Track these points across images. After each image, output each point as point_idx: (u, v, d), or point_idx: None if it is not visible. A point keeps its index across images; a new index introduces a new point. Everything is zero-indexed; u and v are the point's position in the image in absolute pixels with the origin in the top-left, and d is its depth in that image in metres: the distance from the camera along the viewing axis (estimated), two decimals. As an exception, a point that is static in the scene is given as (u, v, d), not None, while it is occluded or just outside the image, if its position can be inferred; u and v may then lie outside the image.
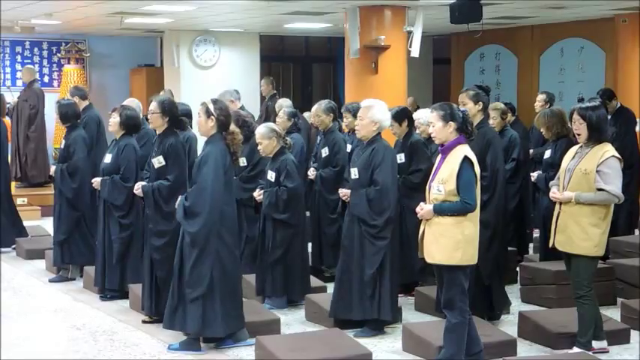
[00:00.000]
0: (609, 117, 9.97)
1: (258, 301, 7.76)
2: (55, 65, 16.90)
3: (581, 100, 10.82)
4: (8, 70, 16.35)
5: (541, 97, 10.89)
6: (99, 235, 8.19)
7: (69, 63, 16.79)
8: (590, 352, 6.20)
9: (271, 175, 7.79)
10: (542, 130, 8.46)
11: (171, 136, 7.13)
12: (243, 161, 8.44)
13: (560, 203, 6.29)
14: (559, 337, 6.60)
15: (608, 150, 6.19)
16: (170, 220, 6.91)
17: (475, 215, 5.84)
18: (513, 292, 8.29)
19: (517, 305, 7.84)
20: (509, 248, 8.95)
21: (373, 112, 6.92)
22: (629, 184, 9.56)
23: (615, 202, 6.19)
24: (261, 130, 7.86)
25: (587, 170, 6.15)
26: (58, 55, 16.85)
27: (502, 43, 15.95)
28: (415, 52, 11.51)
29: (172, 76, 15.72)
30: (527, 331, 6.86)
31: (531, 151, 10.18)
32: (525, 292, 8.16)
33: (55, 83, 16.74)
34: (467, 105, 6.99)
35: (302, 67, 18.26)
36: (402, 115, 8.06)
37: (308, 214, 8.83)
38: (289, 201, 7.68)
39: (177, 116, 7.24)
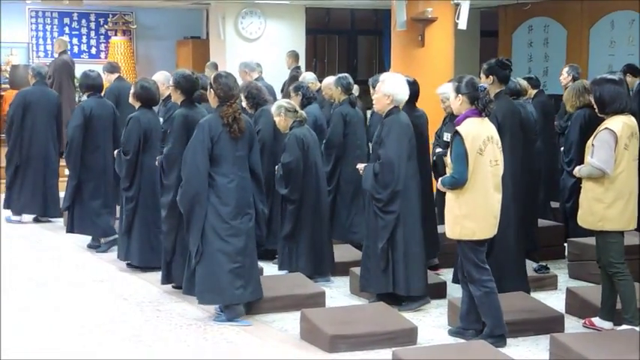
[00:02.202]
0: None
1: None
2: (102, 37, 17.00)
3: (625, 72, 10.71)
4: (56, 41, 16.46)
5: (564, 70, 10.66)
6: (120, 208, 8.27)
7: (116, 35, 16.88)
8: (638, 329, 6.11)
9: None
10: None
11: (179, 108, 7.23)
12: None
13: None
14: (607, 313, 6.51)
15: (606, 122, 6.15)
16: (168, 192, 7.04)
17: (470, 190, 5.87)
18: (561, 267, 8.23)
19: (565, 281, 7.78)
20: (556, 224, 8.87)
21: (386, 85, 6.88)
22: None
23: (599, 176, 6.08)
24: (272, 108, 7.91)
25: (589, 144, 6.22)
26: (105, 26, 16.94)
27: (551, 15, 15.66)
28: (463, 24, 11.36)
29: (218, 49, 15.72)
30: (575, 307, 6.80)
31: (556, 123, 10.09)
32: (573, 268, 8.07)
33: (102, 55, 16.83)
34: (481, 80, 6.88)
35: (348, 39, 18.15)
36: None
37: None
38: (286, 176, 7.67)
39: (189, 89, 7.23)
